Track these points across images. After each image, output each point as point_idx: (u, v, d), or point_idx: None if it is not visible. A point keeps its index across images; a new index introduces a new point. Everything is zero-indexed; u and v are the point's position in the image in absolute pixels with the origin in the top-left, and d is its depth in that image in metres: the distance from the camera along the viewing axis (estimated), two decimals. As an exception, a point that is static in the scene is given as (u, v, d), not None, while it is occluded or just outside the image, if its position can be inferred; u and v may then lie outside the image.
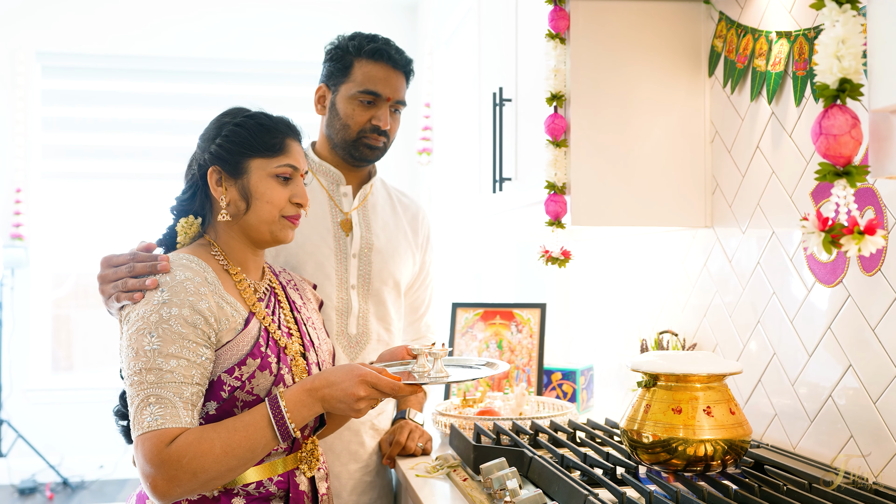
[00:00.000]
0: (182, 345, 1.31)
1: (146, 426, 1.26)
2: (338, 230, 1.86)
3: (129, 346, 1.31)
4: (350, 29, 1.97)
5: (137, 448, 1.27)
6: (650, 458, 1.33)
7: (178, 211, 1.51)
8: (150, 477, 1.26)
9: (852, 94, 0.93)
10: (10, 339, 5.36)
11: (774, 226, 1.66)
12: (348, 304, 1.83)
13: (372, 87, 1.81)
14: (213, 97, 5.60)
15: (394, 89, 1.83)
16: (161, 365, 1.28)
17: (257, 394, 1.38)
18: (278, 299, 1.53)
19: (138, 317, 1.32)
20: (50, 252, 5.60)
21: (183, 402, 1.29)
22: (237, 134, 1.44)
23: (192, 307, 1.33)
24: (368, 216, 1.90)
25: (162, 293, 1.32)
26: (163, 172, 5.63)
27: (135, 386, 1.29)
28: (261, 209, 1.44)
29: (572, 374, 2.37)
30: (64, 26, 5.46)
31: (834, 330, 1.48)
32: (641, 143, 1.83)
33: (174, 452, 1.26)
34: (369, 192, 1.93)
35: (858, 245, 0.92)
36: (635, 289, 2.30)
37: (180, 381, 1.29)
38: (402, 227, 1.97)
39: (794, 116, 1.59)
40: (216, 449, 1.28)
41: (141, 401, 1.28)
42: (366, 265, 1.86)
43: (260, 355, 1.39)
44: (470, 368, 1.59)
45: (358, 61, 1.82)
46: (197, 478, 1.27)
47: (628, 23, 1.83)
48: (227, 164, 1.44)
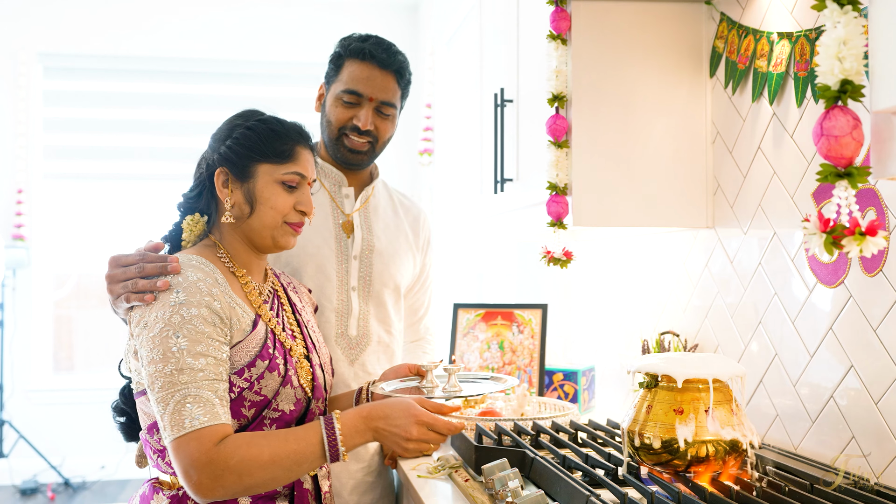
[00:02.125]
0: (208, 343, 1.31)
1: (188, 427, 1.25)
2: (339, 232, 1.86)
3: (154, 349, 1.29)
4: (352, 29, 1.97)
5: (180, 449, 1.25)
6: (652, 459, 1.33)
7: (184, 208, 1.51)
8: (194, 476, 1.25)
9: (854, 95, 0.93)
10: (12, 340, 5.36)
11: (776, 226, 1.66)
12: (349, 306, 1.82)
13: (353, 87, 1.79)
14: (215, 98, 5.61)
15: (377, 89, 1.79)
16: (192, 364, 1.28)
17: (265, 394, 1.39)
18: (281, 302, 1.54)
19: (157, 319, 1.31)
20: (51, 253, 5.61)
21: (219, 398, 1.29)
22: (247, 137, 1.45)
23: (208, 307, 1.33)
24: (370, 218, 1.90)
25: (178, 294, 1.32)
26: (165, 173, 5.64)
27: (166, 389, 1.27)
28: (264, 214, 1.44)
29: (574, 374, 2.37)
30: (66, 27, 5.46)
31: (835, 331, 1.48)
32: (643, 144, 1.83)
33: (222, 452, 1.26)
34: (371, 194, 1.93)
35: (860, 246, 0.92)
36: (637, 289, 2.30)
37: (212, 378, 1.30)
38: (404, 230, 1.96)
39: (795, 117, 1.59)
40: (264, 455, 1.28)
41: (177, 402, 1.26)
42: (367, 267, 1.86)
43: (268, 357, 1.40)
44: (478, 382, 1.69)
45: (347, 61, 1.81)
46: (241, 481, 1.27)
47: (630, 24, 1.83)
48: (234, 166, 1.44)
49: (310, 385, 1.49)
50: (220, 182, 1.45)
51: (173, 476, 1.39)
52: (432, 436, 1.39)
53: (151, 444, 1.39)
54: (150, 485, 1.43)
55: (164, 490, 1.40)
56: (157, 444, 1.38)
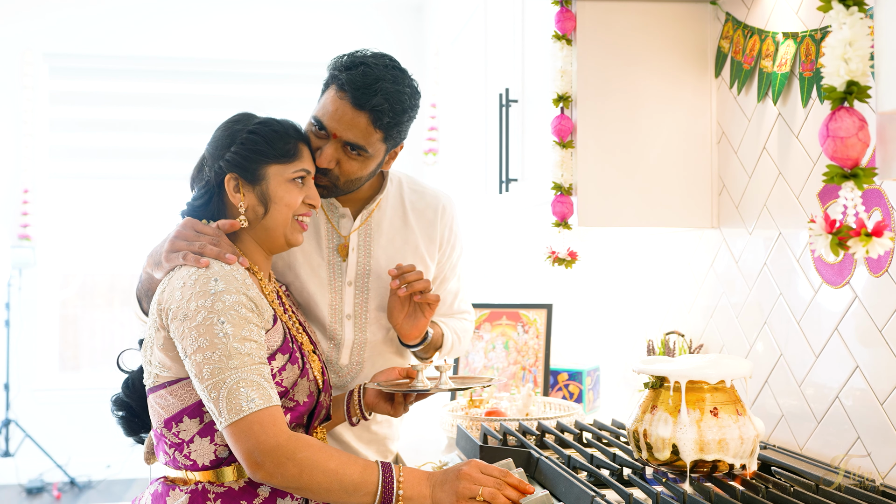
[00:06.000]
0: (250, 329, 1.34)
1: (246, 409, 1.28)
2: (333, 256, 1.72)
3: (200, 337, 1.32)
4: (355, 30, 1.94)
5: (241, 433, 1.28)
6: (656, 460, 1.33)
7: (189, 215, 1.52)
8: (258, 458, 1.27)
9: (859, 96, 0.93)
10: (18, 339, 5.38)
11: (781, 227, 1.66)
12: (342, 336, 1.72)
13: (320, 117, 1.56)
14: (220, 98, 5.61)
15: (343, 127, 1.54)
16: (239, 349, 1.31)
17: (285, 385, 1.42)
18: (283, 301, 1.57)
19: (199, 308, 1.33)
20: (57, 252, 5.62)
21: (267, 382, 1.32)
22: (253, 141, 1.47)
23: (245, 294, 1.37)
24: (371, 237, 1.74)
25: (216, 282, 1.35)
26: (171, 173, 5.64)
27: (217, 375, 1.30)
28: (278, 213, 1.47)
29: (578, 374, 2.37)
30: (72, 27, 5.47)
31: (841, 331, 1.48)
32: (648, 144, 1.83)
33: (292, 443, 1.29)
34: (374, 209, 1.75)
35: (866, 247, 0.92)
36: (642, 289, 2.30)
37: (258, 362, 1.33)
38: (412, 241, 1.78)
39: (800, 117, 1.59)
40: (331, 463, 1.30)
41: (230, 388, 1.29)
42: (363, 293, 1.73)
43: (288, 350, 1.44)
44: (466, 380, 1.68)
45: (330, 84, 1.60)
46: (301, 477, 1.29)
47: (635, 24, 1.83)
48: (244, 170, 1.46)
49: (321, 378, 1.52)
50: (230, 188, 1.47)
51: (188, 471, 1.40)
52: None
53: (168, 437, 1.40)
54: (162, 483, 1.44)
55: (180, 486, 1.41)
56: (174, 438, 1.39)
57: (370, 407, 1.61)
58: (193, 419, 1.37)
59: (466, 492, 1.28)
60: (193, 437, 1.38)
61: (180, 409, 1.38)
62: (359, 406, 1.60)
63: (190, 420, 1.38)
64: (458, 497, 1.28)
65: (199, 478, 1.39)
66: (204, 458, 1.38)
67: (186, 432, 1.38)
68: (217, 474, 1.39)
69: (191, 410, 1.37)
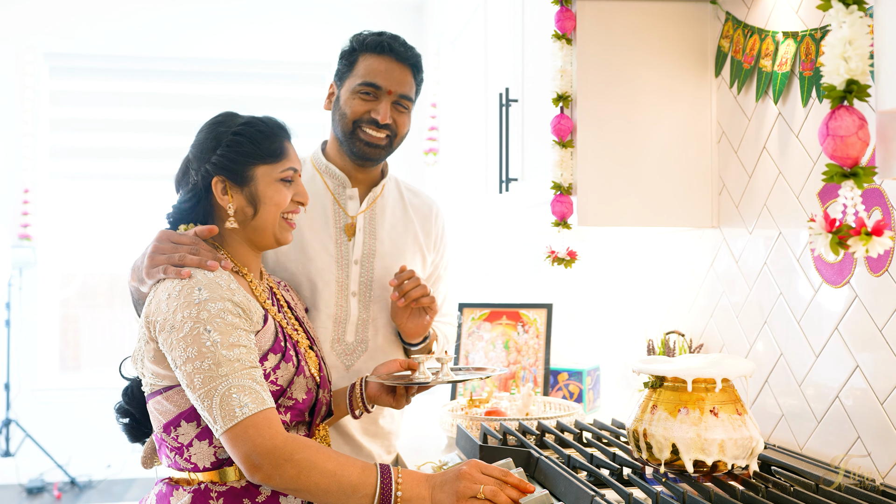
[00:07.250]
0: (237, 335, 1.34)
1: (239, 415, 1.28)
2: (340, 235, 1.82)
3: (188, 347, 1.31)
4: (355, 29, 1.95)
5: (238, 438, 1.28)
6: (656, 459, 1.33)
7: (174, 218, 1.52)
8: (256, 460, 1.27)
9: (859, 95, 0.93)
10: (18, 339, 5.38)
11: (781, 226, 1.66)
12: (347, 312, 1.80)
13: (371, 79, 1.77)
14: (221, 98, 5.61)
15: (395, 82, 1.78)
16: (228, 356, 1.31)
17: (281, 384, 1.42)
18: (277, 299, 1.57)
19: (185, 318, 1.33)
20: (58, 252, 5.62)
21: (258, 384, 1.32)
22: (238, 143, 1.46)
23: (230, 300, 1.36)
24: (375, 220, 1.86)
25: (200, 292, 1.35)
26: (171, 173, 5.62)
27: (208, 384, 1.30)
28: (267, 213, 1.47)
29: (579, 374, 2.37)
30: (72, 27, 5.47)
31: (841, 331, 1.48)
32: (648, 144, 1.83)
33: (289, 445, 1.29)
34: (379, 194, 1.89)
35: (866, 246, 0.92)
36: (642, 289, 2.30)
37: (248, 366, 1.33)
38: (412, 230, 1.91)
39: (800, 117, 1.59)
40: (329, 464, 1.30)
41: (222, 395, 1.29)
42: (368, 272, 1.82)
43: (280, 349, 1.44)
44: (467, 371, 1.69)
45: (362, 56, 1.79)
46: (299, 478, 1.29)
47: (635, 23, 1.83)
48: (231, 173, 1.46)
49: (318, 374, 1.53)
50: (218, 190, 1.47)
51: (192, 472, 1.41)
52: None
53: (168, 442, 1.41)
54: (166, 483, 1.44)
55: (184, 486, 1.41)
56: (174, 442, 1.40)
57: (373, 399, 1.61)
58: (191, 423, 1.38)
59: (467, 491, 1.28)
60: (192, 440, 1.38)
61: (177, 413, 1.38)
62: (361, 399, 1.61)
63: (187, 424, 1.38)
64: (459, 497, 1.28)
65: (202, 478, 1.40)
66: (204, 461, 1.39)
67: (185, 436, 1.38)
68: (220, 474, 1.40)
69: (187, 415, 1.38)
